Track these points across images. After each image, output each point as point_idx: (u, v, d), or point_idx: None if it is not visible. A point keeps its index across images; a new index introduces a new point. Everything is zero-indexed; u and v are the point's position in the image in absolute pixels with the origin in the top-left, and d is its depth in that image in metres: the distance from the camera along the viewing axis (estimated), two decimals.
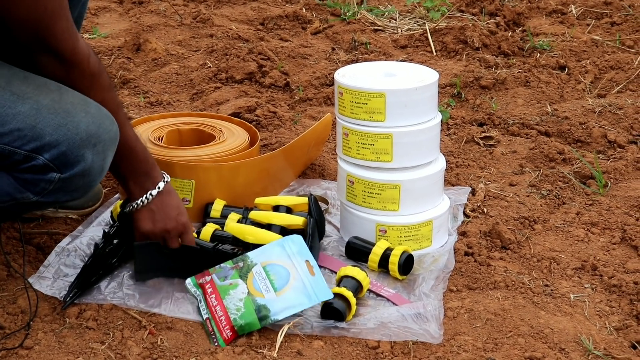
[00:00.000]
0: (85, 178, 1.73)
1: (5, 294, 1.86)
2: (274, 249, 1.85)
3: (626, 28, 3.57)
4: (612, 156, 2.56)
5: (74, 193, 1.77)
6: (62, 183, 1.72)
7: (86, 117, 1.70)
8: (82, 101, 1.73)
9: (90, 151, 1.71)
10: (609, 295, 1.90)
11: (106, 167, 1.77)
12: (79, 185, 1.74)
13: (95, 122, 1.71)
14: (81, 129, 1.69)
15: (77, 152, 1.69)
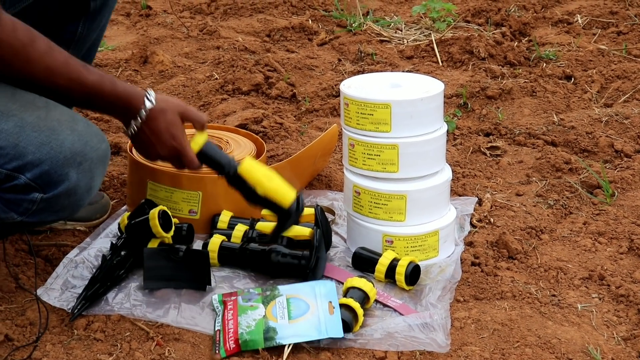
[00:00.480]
0: (70, 198, 1.68)
1: (13, 306, 1.87)
2: (305, 287, 1.87)
3: (632, 37, 3.57)
4: (619, 166, 2.56)
5: (60, 213, 1.72)
6: (46, 203, 1.67)
7: (72, 135, 1.66)
8: (70, 118, 1.70)
9: (75, 170, 1.66)
10: (617, 305, 1.90)
11: (95, 185, 1.72)
12: (64, 205, 1.69)
13: (82, 139, 1.67)
14: (65, 147, 1.64)
15: (61, 171, 1.64)
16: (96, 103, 1.74)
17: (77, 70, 1.70)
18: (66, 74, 1.68)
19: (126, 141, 2.60)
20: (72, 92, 1.70)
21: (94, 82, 1.71)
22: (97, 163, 1.70)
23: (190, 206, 2.14)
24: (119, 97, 1.74)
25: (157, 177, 2.15)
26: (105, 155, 1.73)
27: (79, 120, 1.71)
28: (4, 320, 1.81)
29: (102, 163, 1.72)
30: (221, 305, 1.83)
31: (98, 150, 1.70)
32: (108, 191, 2.38)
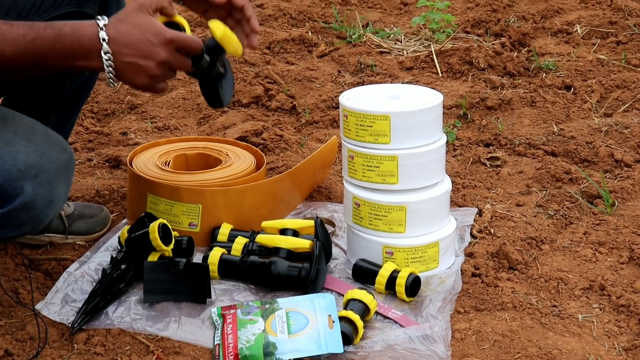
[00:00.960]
0: (29, 212, 1.61)
1: (13, 321, 1.87)
2: (304, 301, 1.86)
3: (632, 47, 3.57)
4: (619, 175, 2.55)
5: (22, 228, 1.64)
6: (4, 218, 1.60)
7: (27, 147, 1.60)
8: (27, 129, 1.63)
9: (31, 183, 1.58)
10: (618, 315, 1.90)
11: (57, 197, 1.64)
12: (24, 220, 1.62)
13: (38, 151, 1.60)
14: (19, 159, 1.58)
15: (15, 185, 1.57)
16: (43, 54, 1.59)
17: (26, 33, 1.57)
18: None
19: (125, 154, 2.60)
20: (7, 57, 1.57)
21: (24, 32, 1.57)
22: (57, 174, 1.62)
23: (190, 219, 2.14)
24: (61, 32, 1.59)
25: (157, 190, 2.15)
26: (66, 165, 1.65)
27: (37, 131, 1.64)
28: (4, 335, 1.81)
29: (63, 174, 1.64)
30: (220, 319, 1.82)
31: (57, 162, 1.63)
32: (108, 204, 2.38)
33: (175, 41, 1.65)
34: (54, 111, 2.10)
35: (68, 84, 2.08)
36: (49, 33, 1.60)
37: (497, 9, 4.07)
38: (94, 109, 3.11)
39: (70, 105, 2.15)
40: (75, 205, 2.24)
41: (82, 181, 2.52)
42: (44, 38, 1.59)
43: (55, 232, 2.17)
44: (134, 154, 2.34)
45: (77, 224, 2.20)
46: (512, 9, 4.13)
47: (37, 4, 1.92)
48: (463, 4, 4.27)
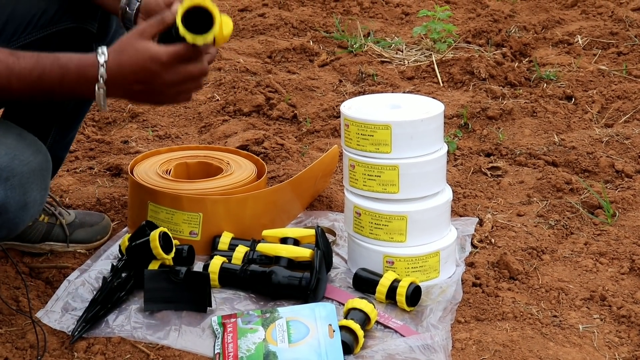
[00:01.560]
0: (2, 216, 1.56)
1: (14, 329, 1.87)
2: (304, 310, 1.86)
3: (632, 58, 3.58)
4: (620, 186, 2.56)
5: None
6: None
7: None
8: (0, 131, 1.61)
9: (2, 186, 1.54)
10: (618, 325, 1.90)
11: (31, 200, 1.61)
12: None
13: (9, 152, 1.56)
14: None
15: None
16: (48, 89, 1.61)
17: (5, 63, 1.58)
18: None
19: (127, 162, 2.60)
20: (13, 89, 1.60)
21: (31, 67, 1.59)
22: (30, 177, 1.59)
23: (191, 227, 2.14)
24: (67, 70, 1.61)
25: (158, 198, 2.15)
26: (40, 167, 1.61)
27: (9, 133, 1.62)
28: (4, 344, 1.81)
29: (38, 177, 1.61)
30: (220, 328, 1.82)
31: (30, 164, 1.59)
32: (109, 213, 2.38)
33: (173, 60, 1.65)
34: (55, 123, 2.10)
35: None
36: (55, 70, 1.61)
37: (498, 19, 4.08)
38: (95, 117, 3.11)
39: (71, 117, 2.15)
40: (76, 213, 2.24)
41: (83, 189, 2.52)
42: (50, 75, 1.61)
43: (56, 241, 2.17)
44: (135, 163, 2.34)
45: (77, 232, 2.20)
46: (513, 19, 4.13)
47: (34, 20, 1.91)
48: (464, 14, 4.28)
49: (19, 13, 1.91)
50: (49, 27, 1.93)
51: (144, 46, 1.64)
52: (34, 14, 1.92)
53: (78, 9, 1.96)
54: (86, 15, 1.97)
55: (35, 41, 1.92)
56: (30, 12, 1.92)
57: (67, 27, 1.95)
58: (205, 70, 1.70)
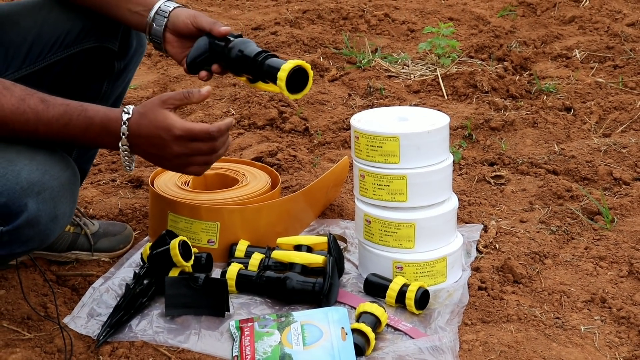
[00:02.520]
0: (34, 228, 1.58)
1: (42, 334, 1.87)
2: (317, 314, 1.86)
3: (628, 70, 3.57)
4: (618, 193, 2.55)
5: (30, 243, 1.62)
6: (10, 235, 1.58)
7: (29, 165, 1.58)
8: (30, 148, 1.62)
9: (34, 200, 1.56)
10: (618, 326, 1.89)
11: (61, 213, 1.62)
12: (30, 236, 1.60)
13: (40, 168, 1.58)
14: (22, 177, 1.56)
15: (19, 202, 1.56)
16: (72, 138, 1.65)
17: (35, 111, 1.61)
18: (21, 120, 1.60)
19: (147, 175, 2.61)
20: (39, 135, 1.63)
21: (58, 116, 1.62)
22: (60, 191, 1.60)
23: (209, 236, 2.15)
24: (92, 122, 1.65)
25: (177, 208, 2.16)
26: (69, 182, 1.63)
27: (40, 150, 1.63)
28: (34, 348, 1.81)
29: (67, 190, 1.62)
30: (238, 331, 1.82)
31: (60, 178, 1.61)
32: (131, 223, 2.39)
33: (184, 136, 1.68)
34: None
35: None
36: (81, 121, 1.64)
37: (499, 34, 4.08)
38: None
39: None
40: (100, 223, 2.25)
41: (106, 201, 2.52)
42: (76, 125, 1.64)
43: (81, 250, 2.18)
44: (155, 175, 2.35)
45: (101, 242, 2.20)
46: (514, 34, 4.13)
47: (59, 40, 1.93)
48: (467, 30, 4.28)
49: (45, 34, 1.92)
50: (73, 47, 1.95)
51: (163, 115, 1.68)
52: (59, 35, 1.93)
53: (100, 29, 1.97)
54: (108, 34, 1.98)
55: (60, 60, 1.94)
56: (55, 33, 1.93)
57: (90, 47, 1.96)
58: (214, 149, 1.72)
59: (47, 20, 1.93)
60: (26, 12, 1.94)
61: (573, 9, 4.38)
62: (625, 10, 4.37)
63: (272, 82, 1.78)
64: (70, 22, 1.94)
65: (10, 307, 1.94)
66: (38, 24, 1.92)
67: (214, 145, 1.71)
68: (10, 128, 1.61)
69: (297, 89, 1.76)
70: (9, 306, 1.94)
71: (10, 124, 1.60)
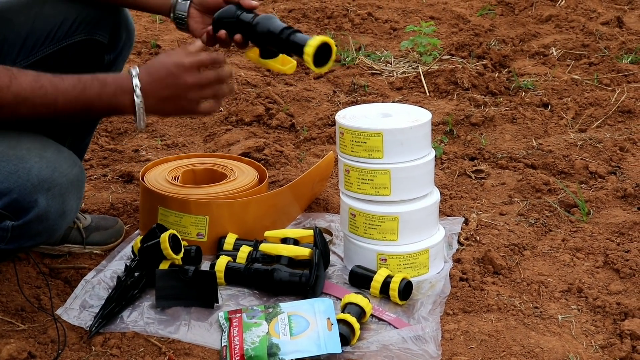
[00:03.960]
0: (43, 223, 1.60)
1: (36, 325, 1.86)
2: (304, 305, 1.86)
3: (603, 68, 3.58)
4: (594, 186, 2.56)
5: (37, 238, 1.63)
6: (20, 230, 1.59)
7: (39, 162, 1.59)
8: (40, 145, 1.63)
9: (44, 196, 1.58)
10: (594, 315, 1.90)
11: (68, 209, 1.63)
12: (39, 231, 1.61)
13: (50, 165, 1.59)
14: (32, 174, 1.57)
15: (30, 198, 1.57)
16: (88, 104, 1.66)
17: (51, 83, 1.63)
18: (40, 93, 1.61)
19: (138, 170, 2.60)
20: (58, 107, 1.63)
21: (74, 84, 1.64)
22: (68, 187, 1.61)
23: (198, 230, 2.14)
24: (105, 82, 1.67)
25: (167, 203, 2.15)
26: (77, 179, 1.64)
27: (49, 147, 1.64)
28: (27, 339, 1.80)
29: (75, 187, 1.63)
30: (227, 322, 1.82)
31: (68, 175, 1.62)
32: (122, 217, 2.37)
33: (194, 64, 1.71)
34: (70, 131, 2.10)
35: None
36: (95, 85, 1.67)
37: (479, 33, 4.08)
38: (108, 128, 3.10)
39: (86, 125, 2.14)
40: (91, 217, 2.24)
41: (97, 195, 2.51)
42: (91, 89, 1.66)
43: (73, 243, 2.17)
44: (145, 170, 2.34)
45: (93, 235, 2.19)
46: (493, 33, 4.14)
47: (51, 34, 1.92)
48: (448, 29, 4.28)
49: (38, 29, 1.91)
50: (64, 40, 1.94)
51: (169, 57, 1.73)
52: (51, 29, 1.93)
53: (91, 22, 1.97)
54: (98, 27, 1.98)
55: (52, 54, 1.93)
56: (47, 27, 1.92)
57: (81, 39, 1.96)
58: (220, 78, 1.76)
59: (39, 15, 1.92)
60: (19, 8, 1.93)
61: (550, 8, 4.39)
62: (600, 9, 4.38)
63: (297, 56, 1.84)
64: (62, 15, 1.94)
65: (5, 299, 1.93)
66: (31, 19, 1.91)
67: (219, 74, 1.75)
68: (30, 104, 1.61)
69: (321, 62, 1.81)
70: (3, 298, 1.93)
71: (30, 99, 1.60)
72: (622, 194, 2.48)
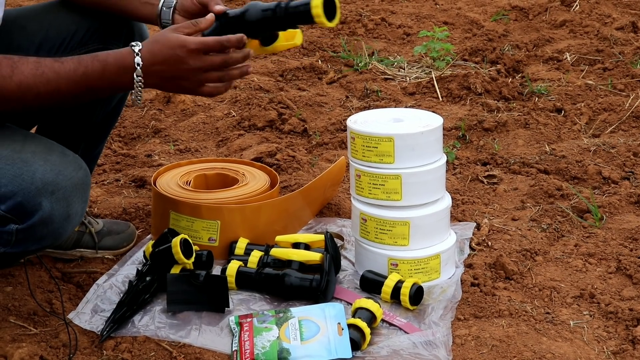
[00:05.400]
0: (48, 226, 1.59)
1: (48, 329, 1.87)
2: (315, 309, 1.86)
3: (617, 73, 3.57)
4: (607, 191, 2.55)
5: (43, 242, 1.63)
6: (24, 233, 1.59)
7: (44, 165, 1.58)
8: (45, 149, 1.63)
9: (48, 199, 1.57)
10: (607, 321, 1.89)
11: (73, 213, 1.63)
12: (44, 234, 1.60)
13: (54, 169, 1.59)
14: (37, 177, 1.56)
15: (34, 202, 1.56)
16: (91, 85, 1.64)
17: (52, 69, 1.62)
18: (43, 80, 1.60)
19: (150, 175, 2.61)
20: (62, 91, 1.63)
21: (75, 67, 1.63)
22: (73, 191, 1.61)
23: (210, 234, 2.15)
24: (106, 62, 1.65)
25: (179, 207, 2.16)
26: (81, 182, 1.63)
27: (54, 151, 1.64)
28: (39, 343, 1.81)
29: (79, 191, 1.63)
30: (238, 327, 1.82)
31: (73, 179, 1.61)
32: (134, 221, 2.38)
33: (199, 48, 1.68)
34: (84, 138, 2.11)
35: (97, 112, 2.09)
36: (96, 65, 1.65)
37: (492, 38, 4.07)
38: (121, 133, 3.12)
39: (99, 132, 2.16)
40: (104, 222, 2.25)
41: (110, 200, 2.52)
42: (92, 71, 1.65)
43: (86, 247, 2.18)
44: (157, 175, 2.35)
45: (105, 240, 2.20)
46: (507, 38, 4.13)
47: (65, 42, 1.93)
48: (461, 34, 4.28)
49: (51, 38, 1.92)
50: (78, 49, 1.94)
51: (175, 36, 1.69)
52: (64, 37, 1.93)
53: (104, 31, 1.97)
54: (112, 36, 1.98)
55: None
56: (61, 36, 1.93)
57: (95, 48, 1.96)
58: (226, 62, 1.72)
59: (53, 24, 1.93)
60: (33, 16, 1.94)
61: (564, 13, 4.37)
62: (615, 14, 4.37)
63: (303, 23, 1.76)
64: (75, 24, 1.94)
65: (17, 303, 1.94)
66: (44, 27, 1.92)
67: (226, 59, 1.71)
68: (35, 92, 1.61)
69: (330, 16, 1.74)
70: (16, 302, 1.94)
71: (34, 88, 1.60)
72: (635, 199, 2.47)
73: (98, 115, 2.09)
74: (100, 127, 2.14)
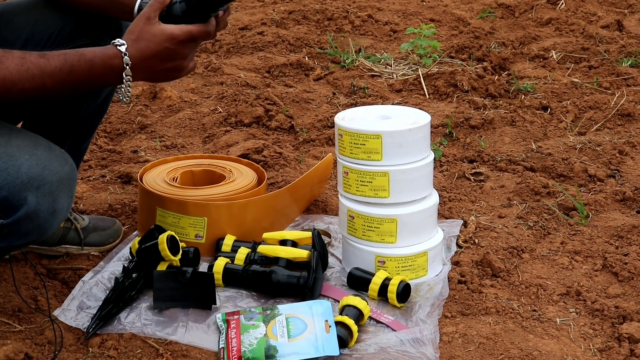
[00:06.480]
0: (33, 221, 1.57)
1: (33, 326, 1.86)
2: (302, 307, 1.86)
3: (602, 71, 3.58)
4: (593, 189, 2.55)
5: (28, 237, 1.60)
6: (10, 228, 1.56)
7: (30, 160, 1.56)
8: (31, 143, 1.61)
9: (34, 194, 1.55)
10: (592, 319, 1.89)
11: (59, 208, 1.61)
12: (29, 229, 1.58)
13: (40, 163, 1.57)
14: (22, 172, 1.54)
15: (19, 196, 1.54)
16: (77, 83, 1.63)
17: (37, 65, 1.59)
18: (27, 77, 1.58)
19: (136, 171, 2.59)
20: (47, 87, 1.60)
21: (60, 65, 1.61)
22: (59, 186, 1.59)
23: (197, 231, 2.14)
24: (93, 63, 1.63)
25: (166, 204, 2.15)
26: (67, 177, 1.61)
27: (40, 145, 1.62)
28: (24, 340, 1.80)
29: (65, 186, 1.61)
30: (224, 324, 1.81)
31: (59, 173, 1.59)
32: (120, 217, 2.37)
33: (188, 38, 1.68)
34: (70, 134, 2.09)
35: (84, 108, 2.07)
36: (83, 65, 1.63)
37: (479, 35, 4.08)
38: (107, 129, 3.10)
39: (86, 127, 2.14)
40: (89, 218, 2.23)
41: (96, 196, 2.51)
42: (79, 70, 1.63)
43: (71, 244, 2.16)
44: (144, 171, 2.33)
45: (91, 236, 2.19)
46: (493, 35, 4.14)
47: (52, 37, 1.91)
48: (448, 31, 4.28)
49: (38, 32, 1.90)
50: (65, 44, 1.93)
51: (159, 30, 1.67)
52: (51, 33, 1.92)
53: (92, 27, 1.96)
54: (100, 32, 1.97)
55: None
56: (48, 31, 1.91)
57: (82, 44, 1.95)
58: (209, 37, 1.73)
59: (40, 19, 1.92)
60: (20, 10, 1.92)
61: (550, 11, 4.39)
62: (600, 12, 4.38)
63: None
64: (62, 20, 1.93)
65: (2, 300, 1.93)
66: (31, 22, 1.91)
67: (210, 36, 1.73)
68: (19, 88, 1.59)
69: None
70: (1, 299, 1.93)
71: (18, 83, 1.58)
72: (621, 197, 2.47)
73: (85, 111, 2.08)
74: (87, 123, 2.13)
